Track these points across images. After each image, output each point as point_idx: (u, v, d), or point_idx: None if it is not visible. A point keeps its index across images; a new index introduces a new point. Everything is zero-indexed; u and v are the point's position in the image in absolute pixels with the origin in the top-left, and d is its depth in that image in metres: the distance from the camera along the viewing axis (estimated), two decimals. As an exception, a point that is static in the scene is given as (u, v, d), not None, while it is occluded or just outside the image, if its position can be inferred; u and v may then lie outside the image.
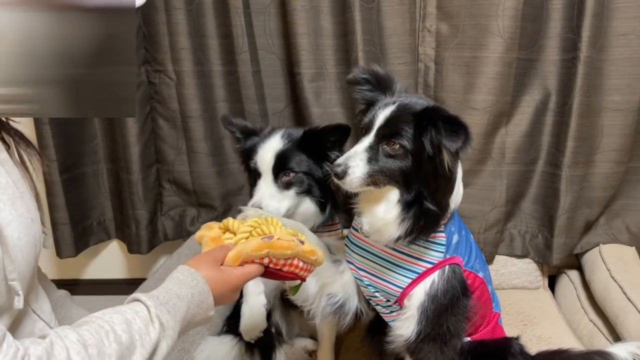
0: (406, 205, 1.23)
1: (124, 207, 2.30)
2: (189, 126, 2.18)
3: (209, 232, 1.16)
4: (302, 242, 1.13)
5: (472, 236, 1.51)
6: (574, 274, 2.21)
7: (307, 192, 1.52)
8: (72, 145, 2.23)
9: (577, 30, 1.88)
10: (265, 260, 1.09)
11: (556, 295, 2.22)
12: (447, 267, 1.34)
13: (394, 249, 1.35)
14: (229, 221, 1.17)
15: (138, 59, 2.12)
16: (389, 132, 1.22)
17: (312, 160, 1.52)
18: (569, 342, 1.82)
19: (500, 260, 2.19)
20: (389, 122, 1.23)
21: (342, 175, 1.20)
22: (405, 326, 1.36)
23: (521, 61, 1.96)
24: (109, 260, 2.57)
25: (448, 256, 1.35)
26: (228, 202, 2.29)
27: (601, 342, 1.85)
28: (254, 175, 1.53)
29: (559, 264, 2.13)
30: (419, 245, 1.32)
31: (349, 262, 1.44)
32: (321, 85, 2.06)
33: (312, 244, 1.16)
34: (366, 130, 1.27)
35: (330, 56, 2.03)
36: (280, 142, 1.51)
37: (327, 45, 2.01)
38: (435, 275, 1.33)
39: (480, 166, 2.07)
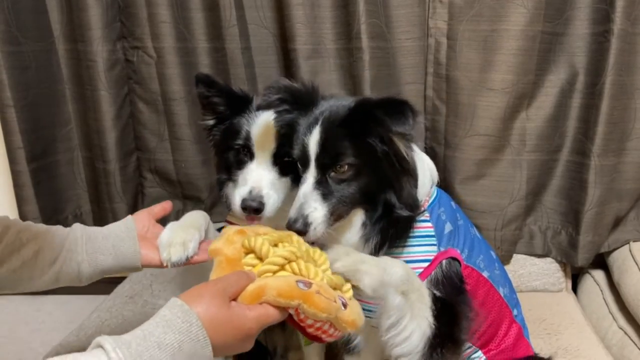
0: (372, 223, 1.09)
1: (101, 200, 2.10)
2: (171, 110, 1.99)
3: (227, 248, 0.92)
4: (345, 305, 0.88)
5: (475, 229, 1.33)
6: (599, 275, 2.03)
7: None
8: (42, 131, 2.02)
9: (609, 0, 1.69)
10: (291, 310, 0.86)
11: (579, 298, 2.03)
12: (444, 261, 1.17)
13: None
14: (257, 241, 0.91)
15: (113, 34, 1.93)
16: (329, 158, 1.08)
17: None
18: (599, 355, 1.63)
19: (518, 259, 2.00)
20: (323, 146, 1.08)
21: (305, 230, 1.03)
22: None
23: (546, 35, 1.77)
24: (88, 257, 2.37)
25: (442, 249, 1.18)
26: (216, 194, 2.09)
27: (633, 352, 1.69)
28: (240, 156, 1.30)
29: (584, 265, 1.94)
30: (404, 246, 1.16)
31: None
32: (319, 64, 1.87)
33: (356, 311, 0.91)
34: (302, 163, 1.11)
35: (328, 30, 1.83)
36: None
37: (325, 17, 1.82)
38: (434, 273, 1.16)
39: (497, 155, 1.88)
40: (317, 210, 1.05)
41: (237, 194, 1.24)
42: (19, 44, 1.89)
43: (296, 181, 1.28)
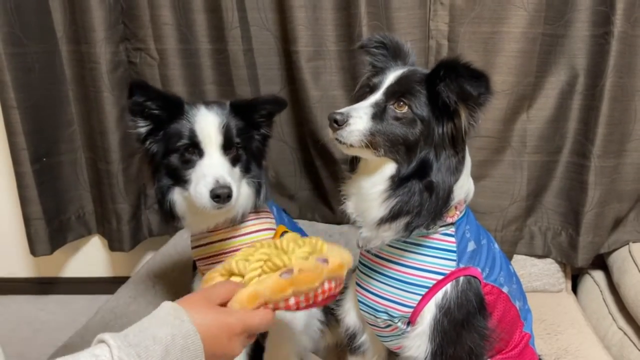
0: (399, 181, 1.09)
1: (104, 201, 2.11)
2: (174, 111, 1.98)
3: (209, 285, 0.98)
4: (326, 261, 0.94)
5: (496, 245, 1.33)
6: (599, 275, 2.04)
7: (246, 170, 1.34)
8: (45, 132, 2.04)
9: (610, 2, 1.70)
10: (292, 301, 0.92)
11: (579, 298, 2.04)
12: (461, 278, 1.18)
13: (398, 264, 1.19)
14: (232, 263, 0.98)
15: (116, 36, 1.94)
16: (399, 89, 1.12)
17: (249, 132, 1.33)
18: (599, 355, 1.64)
19: (519, 260, 2.01)
20: (400, 80, 1.14)
21: (341, 123, 1.06)
22: (416, 345, 1.19)
23: (546, 37, 1.78)
24: (90, 257, 2.40)
25: (462, 266, 1.18)
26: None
27: (632, 353, 1.70)
28: (187, 156, 1.27)
29: (584, 265, 1.94)
30: (424, 255, 1.17)
31: (357, 284, 1.30)
32: (320, 65, 1.88)
33: (335, 255, 0.98)
34: (373, 88, 1.17)
35: (330, 32, 1.84)
36: (218, 114, 1.30)
37: (326, 19, 1.83)
38: (447, 287, 1.17)
39: (498, 156, 1.89)
40: (361, 120, 1.08)
41: (203, 188, 1.22)
42: (23, 45, 1.91)
43: (246, 171, 1.32)
